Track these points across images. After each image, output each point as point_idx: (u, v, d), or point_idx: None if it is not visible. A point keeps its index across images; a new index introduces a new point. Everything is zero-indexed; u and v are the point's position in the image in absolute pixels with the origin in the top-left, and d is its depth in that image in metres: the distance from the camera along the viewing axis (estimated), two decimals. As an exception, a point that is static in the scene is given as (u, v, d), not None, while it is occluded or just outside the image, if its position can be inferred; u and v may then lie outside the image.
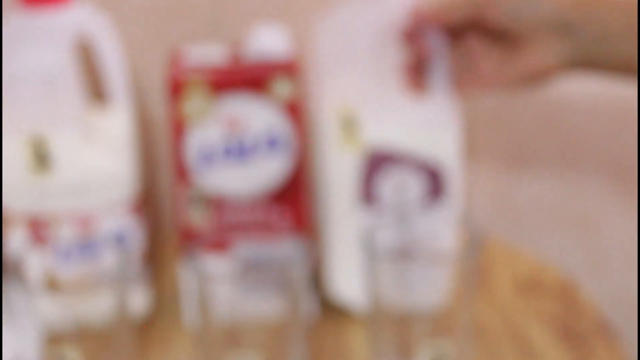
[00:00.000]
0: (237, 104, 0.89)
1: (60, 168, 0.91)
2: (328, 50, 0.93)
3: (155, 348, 0.95)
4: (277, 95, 0.89)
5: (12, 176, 0.91)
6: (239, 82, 0.89)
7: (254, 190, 0.92)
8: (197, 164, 0.91)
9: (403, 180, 0.93)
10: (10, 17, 0.90)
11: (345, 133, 0.92)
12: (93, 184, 0.92)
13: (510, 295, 1.02)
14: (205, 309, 0.82)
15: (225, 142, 0.90)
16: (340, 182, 0.94)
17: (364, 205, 0.94)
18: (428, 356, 0.84)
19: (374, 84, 0.92)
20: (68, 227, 0.92)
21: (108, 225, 0.93)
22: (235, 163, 0.91)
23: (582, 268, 1.21)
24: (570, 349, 0.93)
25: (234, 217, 0.92)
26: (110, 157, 0.93)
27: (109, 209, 0.93)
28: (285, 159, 0.91)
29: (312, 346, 0.94)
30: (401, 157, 0.92)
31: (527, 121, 1.15)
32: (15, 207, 0.92)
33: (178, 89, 0.89)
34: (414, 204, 0.93)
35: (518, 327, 0.97)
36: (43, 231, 0.92)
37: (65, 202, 0.91)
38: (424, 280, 0.83)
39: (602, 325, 0.96)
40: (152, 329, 0.98)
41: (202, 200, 0.92)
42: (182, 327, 0.98)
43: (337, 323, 0.98)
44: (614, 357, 0.92)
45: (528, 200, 1.19)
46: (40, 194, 0.91)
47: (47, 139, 0.90)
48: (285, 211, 0.92)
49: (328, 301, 1.01)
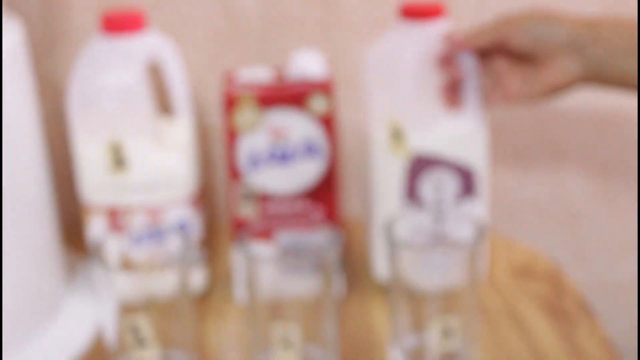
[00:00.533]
0: (281, 116, 0.89)
1: (134, 168, 0.91)
2: (377, 71, 0.92)
3: (211, 318, 0.95)
4: (313, 110, 0.89)
5: (95, 175, 0.91)
6: (282, 98, 0.88)
7: (293, 188, 0.92)
8: (246, 166, 0.91)
9: (440, 181, 0.93)
10: (94, 42, 0.90)
11: (393, 141, 0.91)
12: (161, 181, 0.92)
13: (507, 279, 1.01)
14: (253, 287, 0.82)
15: (270, 148, 0.90)
16: (388, 183, 0.93)
17: (408, 202, 0.93)
18: (438, 329, 0.83)
19: (416, 99, 0.91)
20: (140, 217, 0.92)
21: (173, 215, 0.93)
22: (278, 165, 0.91)
23: (568, 257, 1.20)
24: (556, 324, 0.93)
25: (277, 210, 0.92)
26: (175, 159, 0.92)
27: (174, 202, 0.93)
28: (319, 162, 0.91)
29: (342, 318, 0.93)
30: (439, 162, 0.92)
31: (523, 132, 1.14)
32: (97, 200, 0.92)
33: (232, 104, 0.88)
34: (449, 201, 0.93)
35: (513, 305, 0.96)
36: (119, 220, 0.92)
37: (138, 197, 0.91)
38: (440, 265, 0.83)
39: (584, 305, 0.96)
40: (208, 303, 0.98)
41: (250, 196, 0.92)
42: (232, 302, 0.98)
43: (365, 299, 0.98)
44: (593, 330, 0.92)
45: (523, 200, 1.18)
46: (117, 190, 0.91)
47: (123, 144, 0.90)
48: (319, 205, 0.92)
49: (359, 280, 1.01)
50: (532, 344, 0.90)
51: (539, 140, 1.15)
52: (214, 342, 0.92)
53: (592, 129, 1.15)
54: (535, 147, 1.16)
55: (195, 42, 1.07)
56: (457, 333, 0.84)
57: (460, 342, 0.85)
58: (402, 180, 0.92)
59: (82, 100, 0.89)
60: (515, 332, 0.92)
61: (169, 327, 0.84)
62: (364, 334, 0.92)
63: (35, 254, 0.90)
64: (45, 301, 0.92)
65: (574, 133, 1.15)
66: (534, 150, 1.16)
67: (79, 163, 0.92)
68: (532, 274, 1.03)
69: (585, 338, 0.91)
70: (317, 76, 0.90)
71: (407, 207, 0.93)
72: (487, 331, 0.92)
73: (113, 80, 0.88)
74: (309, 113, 0.89)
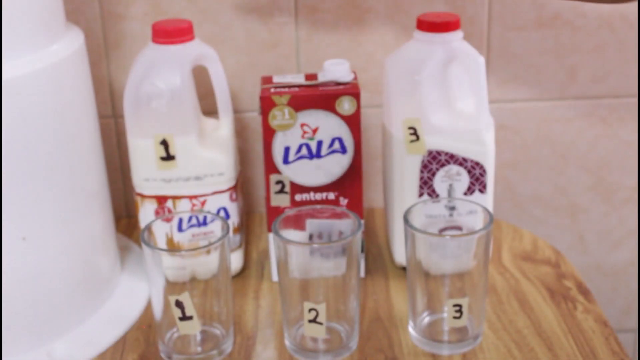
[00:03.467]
0: (312, 117, 0.89)
1: (181, 161, 0.91)
2: (398, 77, 0.91)
3: (248, 295, 0.95)
4: (341, 111, 0.89)
5: (147, 167, 0.91)
6: (314, 100, 0.88)
7: (322, 180, 0.91)
8: (281, 160, 0.91)
9: (453, 175, 0.92)
10: (147, 49, 0.90)
11: (411, 139, 0.91)
12: (205, 173, 0.92)
13: (513, 263, 1.01)
14: (285, 268, 0.82)
15: (302, 144, 0.90)
16: (406, 176, 0.92)
17: (424, 194, 0.93)
18: (452, 308, 0.83)
19: (432, 103, 0.90)
20: (186, 204, 0.93)
21: (215, 203, 0.93)
22: (309, 160, 0.91)
23: (567, 244, 1.20)
24: (557, 304, 0.92)
25: (307, 199, 0.92)
26: (218, 154, 0.92)
27: (215, 192, 0.93)
28: (346, 157, 0.91)
29: (364, 297, 0.94)
30: (452, 158, 0.92)
31: (529, 134, 1.14)
32: (148, 190, 0.92)
33: (269, 105, 0.88)
34: (461, 193, 0.93)
35: (519, 287, 0.96)
36: (167, 207, 0.93)
37: (184, 186, 0.92)
38: (452, 250, 0.83)
39: (581, 287, 0.96)
40: (245, 282, 0.98)
41: (284, 187, 0.92)
42: (267, 281, 0.98)
43: (385, 281, 0.98)
44: (589, 310, 0.91)
45: (528, 193, 1.17)
46: (165, 181, 0.92)
47: (172, 140, 0.90)
48: (345, 196, 0.92)
49: (380, 263, 1.01)
50: (535, 321, 0.90)
51: (542, 143, 1.14)
52: (250, 317, 0.92)
53: (587, 134, 1.14)
54: (539, 149, 1.15)
55: (236, 50, 1.07)
56: (468, 311, 0.84)
57: (471, 319, 0.85)
58: (419, 174, 0.92)
59: (136, 101, 0.89)
60: (520, 310, 0.92)
61: (209, 304, 0.84)
62: (384, 312, 0.92)
63: (95, 236, 0.91)
64: (103, 279, 0.93)
65: (573, 137, 1.14)
66: (538, 151, 1.15)
67: (132, 156, 0.92)
68: (535, 258, 1.02)
69: (583, 316, 0.90)
70: (345, 81, 0.90)
71: (423, 198, 0.93)
72: (494, 309, 0.92)
73: (163, 83, 0.89)
74: (337, 114, 0.89)
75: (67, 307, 0.87)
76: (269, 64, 1.08)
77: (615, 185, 1.17)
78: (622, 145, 1.15)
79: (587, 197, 1.18)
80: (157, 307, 0.83)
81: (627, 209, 1.18)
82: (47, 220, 0.83)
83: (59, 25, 0.85)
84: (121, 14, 1.05)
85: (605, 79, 1.11)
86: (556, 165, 1.16)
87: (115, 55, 1.07)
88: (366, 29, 1.07)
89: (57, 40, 0.84)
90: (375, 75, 1.08)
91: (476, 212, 0.87)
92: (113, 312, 0.92)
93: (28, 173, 0.80)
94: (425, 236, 0.82)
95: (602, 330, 0.88)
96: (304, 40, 1.07)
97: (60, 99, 0.83)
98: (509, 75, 1.10)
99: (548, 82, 1.11)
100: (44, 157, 0.81)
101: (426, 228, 0.87)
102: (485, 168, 0.92)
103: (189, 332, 0.84)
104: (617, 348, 0.85)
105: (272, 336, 0.89)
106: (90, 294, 0.90)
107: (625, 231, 1.20)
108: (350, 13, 1.06)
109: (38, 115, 0.80)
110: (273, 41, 1.07)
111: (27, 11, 0.79)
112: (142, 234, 0.83)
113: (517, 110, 1.12)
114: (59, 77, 0.82)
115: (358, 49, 1.08)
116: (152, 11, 1.05)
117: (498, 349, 0.86)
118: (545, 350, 0.85)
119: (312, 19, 1.06)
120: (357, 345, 0.86)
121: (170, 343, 0.85)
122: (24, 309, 0.83)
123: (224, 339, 0.85)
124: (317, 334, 0.83)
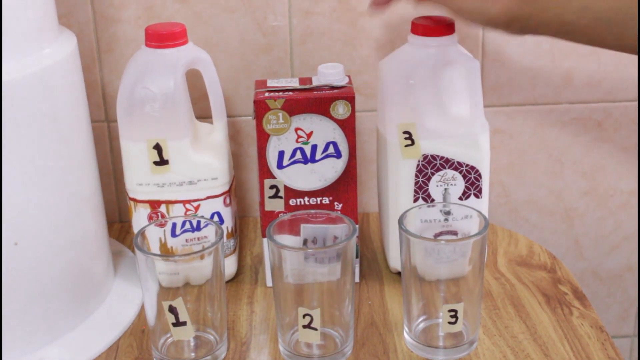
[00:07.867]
0: (307, 121, 0.89)
1: (174, 166, 0.91)
2: (392, 81, 0.92)
3: (242, 301, 0.95)
4: (335, 115, 0.88)
5: (140, 172, 0.91)
6: (308, 104, 0.88)
7: (316, 184, 0.91)
8: (275, 164, 0.91)
9: (448, 180, 0.92)
10: (139, 53, 0.90)
11: (405, 144, 0.91)
12: (198, 177, 0.92)
13: (509, 268, 1.01)
14: (279, 273, 0.82)
15: (297, 149, 0.90)
16: (401, 181, 0.92)
17: (419, 198, 0.93)
18: (447, 313, 0.83)
19: (426, 106, 0.90)
20: (179, 209, 0.92)
21: (209, 208, 0.93)
22: (303, 164, 0.91)
23: (563, 249, 1.20)
24: (553, 309, 0.93)
25: (302, 204, 0.92)
26: (212, 158, 0.92)
27: (209, 196, 0.93)
28: (340, 161, 0.91)
29: (359, 302, 0.94)
30: (447, 162, 0.92)
31: (524, 139, 1.14)
32: (142, 194, 0.92)
33: (263, 109, 0.88)
34: (456, 197, 0.93)
35: (514, 292, 0.96)
36: (161, 212, 0.93)
37: (178, 191, 0.92)
38: (448, 255, 0.83)
39: (577, 292, 0.96)
40: (239, 287, 0.98)
41: (278, 191, 0.92)
42: (261, 286, 0.98)
43: (380, 285, 0.98)
44: (585, 315, 0.92)
45: (524, 198, 1.17)
46: (159, 185, 0.91)
47: (165, 144, 0.90)
48: (339, 200, 0.92)
49: (374, 268, 1.01)
50: (531, 326, 0.90)
51: (538, 149, 1.15)
52: (244, 323, 0.92)
53: (581, 140, 1.14)
54: (535, 155, 1.15)
55: (229, 54, 1.07)
56: (463, 316, 0.84)
57: (466, 324, 0.85)
58: (414, 178, 0.92)
59: (129, 105, 0.89)
60: (516, 315, 0.92)
61: (203, 309, 0.84)
62: (379, 317, 0.92)
63: (88, 241, 0.91)
64: (96, 284, 0.93)
65: (567, 144, 1.14)
66: (533, 157, 1.15)
67: (125, 161, 0.92)
68: (530, 264, 1.02)
69: (579, 321, 0.91)
70: (340, 85, 0.90)
71: (419, 203, 0.93)
72: (489, 315, 0.92)
73: (156, 87, 0.88)
74: (332, 118, 0.89)
75: (60, 313, 0.87)
76: (263, 68, 1.08)
77: (611, 190, 1.17)
78: (618, 150, 1.15)
79: (582, 202, 1.18)
80: (150, 313, 0.83)
81: (623, 213, 1.19)
82: (39, 225, 0.83)
83: (51, 29, 0.85)
84: (114, 18, 1.05)
85: (600, 83, 1.11)
86: (552, 169, 1.16)
87: (108, 59, 1.07)
88: (361, 33, 1.07)
89: (50, 44, 0.84)
90: (370, 79, 1.08)
91: (471, 217, 0.87)
92: (106, 318, 0.91)
93: (20, 177, 0.80)
94: (420, 241, 0.82)
95: (598, 335, 0.88)
96: (298, 44, 1.07)
97: (52, 103, 0.82)
98: (504, 79, 1.10)
99: (543, 86, 1.11)
100: (36, 162, 0.81)
101: (421, 233, 0.86)
102: (480, 172, 0.92)
103: (182, 338, 0.83)
104: (613, 354, 0.85)
105: (266, 342, 0.88)
106: (83, 299, 0.90)
107: (621, 236, 1.20)
108: (344, 16, 1.06)
109: (30, 119, 0.80)
110: (267, 45, 1.07)
111: (20, 15, 0.79)
112: (136, 239, 0.82)
113: (512, 115, 1.12)
114: (51, 81, 0.82)
115: (352, 52, 1.08)
116: (145, 15, 1.05)
117: (494, 355, 0.86)
118: (541, 355, 0.85)
119: (306, 23, 1.06)
120: (352, 351, 0.86)
121: (164, 349, 0.84)
122: (16, 314, 0.83)
123: (217, 345, 0.85)
124: (311, 340, 0.83)
